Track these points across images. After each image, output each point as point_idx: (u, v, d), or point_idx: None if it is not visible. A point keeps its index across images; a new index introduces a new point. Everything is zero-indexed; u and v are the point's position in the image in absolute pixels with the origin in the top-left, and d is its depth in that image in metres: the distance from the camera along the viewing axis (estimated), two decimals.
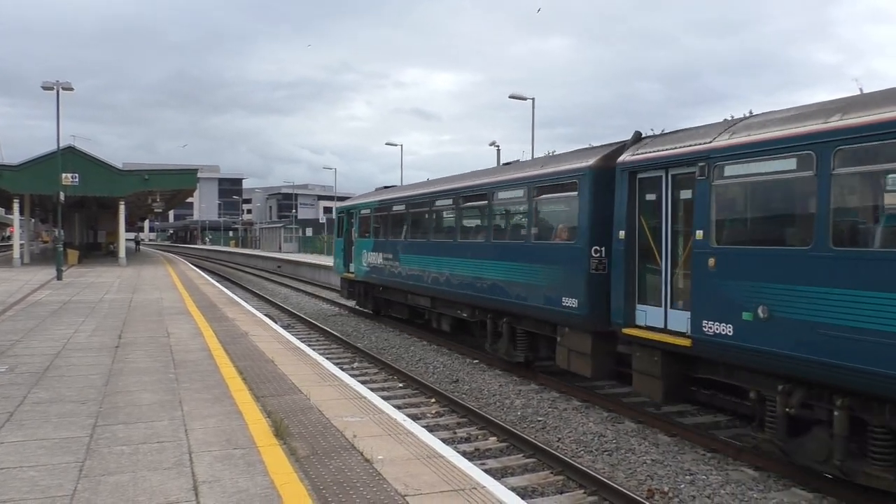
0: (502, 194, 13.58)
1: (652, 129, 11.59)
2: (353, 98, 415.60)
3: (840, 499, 7.38)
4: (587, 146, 11.98)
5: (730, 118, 9.50)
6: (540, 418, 10.62)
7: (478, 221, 15.05)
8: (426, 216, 17.15)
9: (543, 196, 12.16)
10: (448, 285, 15.30)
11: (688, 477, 8.06)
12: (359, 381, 10.40)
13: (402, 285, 18.28)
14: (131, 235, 73.81)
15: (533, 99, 34.84)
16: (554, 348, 12.08)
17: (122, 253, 41.15)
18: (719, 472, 8.20)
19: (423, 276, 16.66)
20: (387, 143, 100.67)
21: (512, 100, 34.34)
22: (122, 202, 39.47)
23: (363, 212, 21.89)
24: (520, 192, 12.85)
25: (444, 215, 16.61)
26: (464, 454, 7.51)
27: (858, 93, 7.83)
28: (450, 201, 15.85)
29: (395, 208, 19.20)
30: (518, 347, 13.21)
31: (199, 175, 43.14)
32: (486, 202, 14.06)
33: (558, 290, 11.22)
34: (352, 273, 22.71)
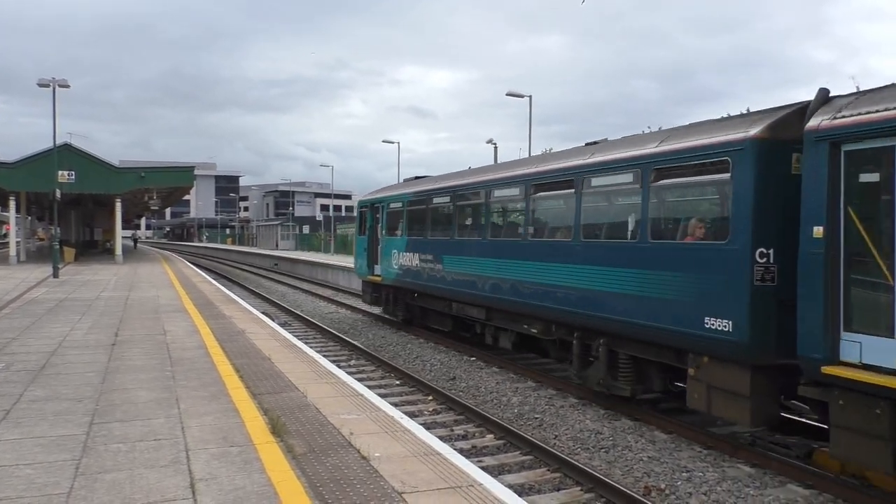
0: (598, 180, 10.79)
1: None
2: (349, 96, 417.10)
3: (836, 496, 7.40)
4: (738, 114, 8.61)
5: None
6: (537, 416, 10.64)
7: (559, 215, 12.46)
8: (481, 209, 14.43)
9: (667, 181, 9.42)
10: (514, 294, 12.66)
11: (684, 474, 8.08)
12: (356, 378, 10.40)
13: (446, 292, 15.67)
14: (128, 233, 73.74)
15: (530, 96, 34.73)
16: (672, 380, 9.94)
17: (118, 250, 41.17)
18: (716, 469, 8.21)
19: (477, 282, 14.06)
20: (383, 141, 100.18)
21: (508, 98, 34.12)
22: (119, 200, 39.44)
23: (393, 205, 18.99)
24: (628, 177, 10.07)
25: (508, 208, 14.25)
26: (461, 451, 7.52)
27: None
28: (516, 191, 13.09)
29: (436, 200, 16.46)
30: (621, 377, 10.38)
31: (196, 173, 43.16)
32: (571, 191, 11.21)
33: (696, 306, 8.61)
34: (377, 276, 19.74)
